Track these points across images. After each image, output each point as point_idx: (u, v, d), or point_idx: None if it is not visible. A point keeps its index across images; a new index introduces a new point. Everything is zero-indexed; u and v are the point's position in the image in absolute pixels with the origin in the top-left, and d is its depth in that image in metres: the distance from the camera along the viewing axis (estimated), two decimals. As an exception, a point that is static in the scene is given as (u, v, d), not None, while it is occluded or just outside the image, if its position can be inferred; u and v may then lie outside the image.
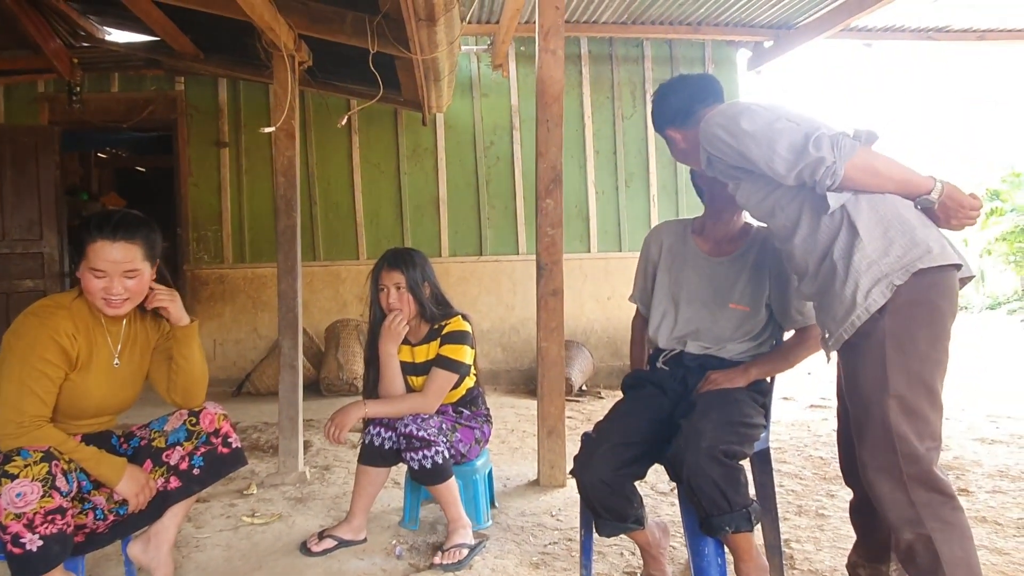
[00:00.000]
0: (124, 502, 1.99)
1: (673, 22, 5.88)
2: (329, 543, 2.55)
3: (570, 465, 2.16)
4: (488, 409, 2.87)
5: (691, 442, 1.85)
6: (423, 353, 2.70)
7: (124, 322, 2.07)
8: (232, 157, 5.98)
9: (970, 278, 1.74)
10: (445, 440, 2.55)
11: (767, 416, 2.20)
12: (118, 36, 5.17)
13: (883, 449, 1.64)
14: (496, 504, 3.03)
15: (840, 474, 2.10)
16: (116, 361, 2.04)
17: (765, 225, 2.03)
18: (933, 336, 1.66)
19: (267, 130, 3.41)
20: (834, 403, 5.09)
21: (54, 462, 1.78)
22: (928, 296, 1.65)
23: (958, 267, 1.69)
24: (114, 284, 1.91)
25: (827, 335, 1.80)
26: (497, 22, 5.53)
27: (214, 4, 3.27)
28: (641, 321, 2.44)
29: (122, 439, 2.14)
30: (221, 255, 5.99)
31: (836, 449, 2.12)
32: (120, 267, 1.91)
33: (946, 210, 1.71)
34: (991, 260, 11.24)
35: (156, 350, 2.15)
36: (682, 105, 2.05)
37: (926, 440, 1.63)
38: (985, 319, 10.27)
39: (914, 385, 1.64)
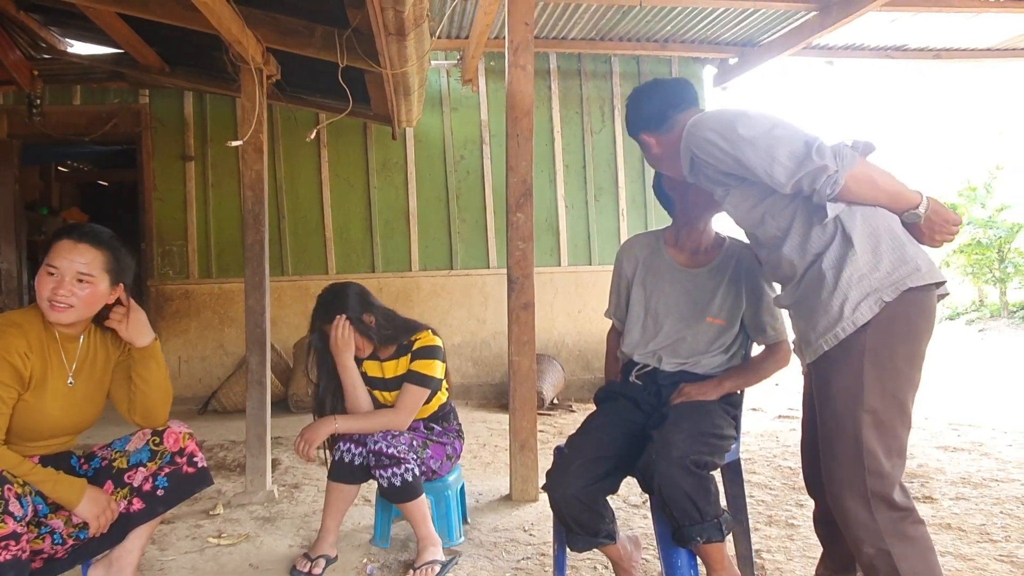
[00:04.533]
0: (84, 525, 1.93)
1: (641, 39, 5.96)
2: (322, 563, 2.51)
3: (542, 479, 2.15)
4: (459, 424, 2.85)
5: (662, 452, 1.85)
6: (392, 368, 2.68)
7: (81, 339, 2.01)
8: (198, 171, 5.90)
9: (946, 295, 1.75)
10: (416, 457, 2.53)
11: (737, 427, 2.21)
12: (81, 48, 5.07)
13: (851, 463, 1.65)
14: (468, 520, 3.00)
15: (809, 484, 2.14)
16: (71, 380, 1.98)
17: (747, 234, 2.00)
18: (910, 354, 1.67)
19: (234, 144, 3.37)
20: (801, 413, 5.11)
21: (7, 486, 1.72)
22: (910, 314, 1.65)
23: (939, 285, 1.69)
24: (64, 285, 1.86)
25: (804, 345, 1.78)
26: (467, 37, 5.55)
27: (180, 17, 3.22)
28: (616, 335, 2.44)
29: (82, 460, 2.08)
30: (187, 270, 5.90)
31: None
32: (75, 267, 1.87)
33: (931, 225, 1.70)
34: (950, 272, 11.53)
35: (117, 368, 2.09)
36: (656, 110, 2.01)
37: (893, 456, 1.64)
38: (945, 329, 10.52)
39: (888, 401, 1.64)
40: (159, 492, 2.00)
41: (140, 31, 4.02)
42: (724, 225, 2.23)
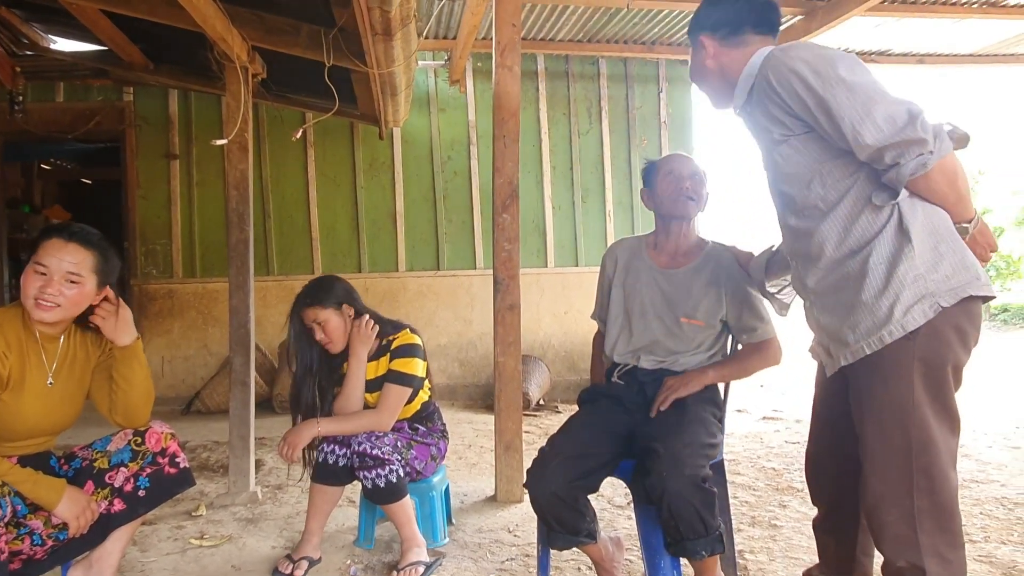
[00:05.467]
0: (64, 526, 1.90)
1: (628, 41, 5.98)
2: (304, 565, 2.49)
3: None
4: (444, 425, 2.84)
5: (673, 470, 1.83)
6: (373, 369, 2.67)
7: (61, 339, 1.99)
8: (183, 169, 5.86)
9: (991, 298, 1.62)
10: (400, 458, 2.52)
11: (721, 429, 2.23)
12: (64, 45, 5.02)
13: (899, 479, 1.52)
14: (453, 521, 3.00)
15: (792, 485, 2.13)
16: (50, 380, 1.96)
17: (777, 192, 1.74)
18: (959, 364, 1.56)
19: (219, 142, 3.35)
20: (786, 415, 5.15)
21: (-15, 487, 1.70)
22: (962, 323, 1.53)
23: (990, 298, 1.59)
24: (52, 284, 1.85)
25: (838, 345, 1.62)
26: (454, 38, 5.55)
27: (165, 14, 3.20)
28: (601, 338, 2.45)
29: (62, 460, 2.06)
30: (170, 269, 5.85)
31: (788, 460, 2.14)
32: (64, 267, 1.85)
33: (974, 244, 1.58)
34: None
35: (98, 368, 2.07)
36: (734, 16, 1.75)
37: (950, 468, 1.53)
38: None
39: (940, 415, 1.52)
40: (140, 493, 1.98)
41: (124, 28, 3.98)
42: (706, 228, 2.24)
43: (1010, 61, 6.33)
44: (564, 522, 1.99)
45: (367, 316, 2.60)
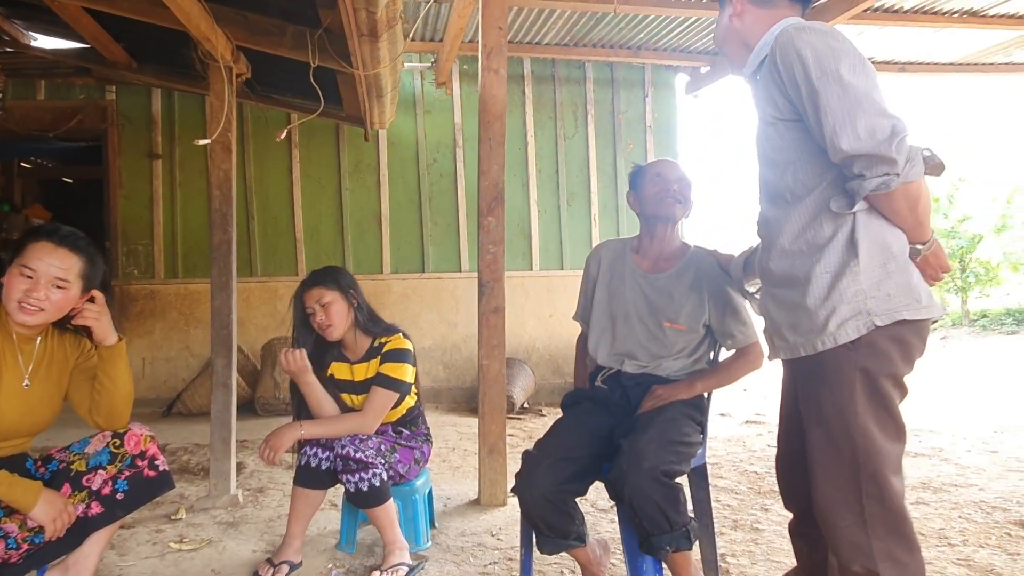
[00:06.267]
0: (40, 530, 1.88)
1: (614, 46, 6.01)
2: (285, 569, 2.47)
3: (511, 483, 2.14)
4: (428, 428, 2.83)
5: (632, 463, 1.86)
6: (363, 371, 2.65)
7: (38, 340, 1.97)
8: (165, 169, 5.82)
9: (937, 320, 1.62)
10: (383, 462, 2.50)
11: (704, 432, 2.24)
12: (45, 42, 4.96)
13: (847, 484, 1.54)
14: (436, 524, 2.99)
15: (774, 488, 2.14)
16: (26, 382, 1.93)
17: (759, 173, 1.73)
18: (900, 375, 1.57)
19: (202, 142, 3.32)
20: (768, 418, 5.18)
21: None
22: (905, 336, 1.54)
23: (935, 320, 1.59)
24: (39, 288, 1.83)
25: (779, 338, 1.66)
26: (441, 40, 5.55)
27: (148, 13, 3.17)
28: (584, 341, 2.46)
29: (39, 463, 2.03)
30: (152, 270, 5.80)
31: (770, 463, 2.15)
32: (53, 272, 1.84)
33: (927, 265, 1.58)
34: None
35: (76, 369, 2.04)
36: None
37: (895, 475, 1.54)
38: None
39: (884, 421, 1.53)
40: (119, 496, 1.96)
41: (107, 26, 3.95)
42: (689, 234, 2.25)
43: (989, 70, 6.43)
44: (553, 526, 1.99)
45: (294, 349, 2.52)
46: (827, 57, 1.46)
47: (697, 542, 2.21)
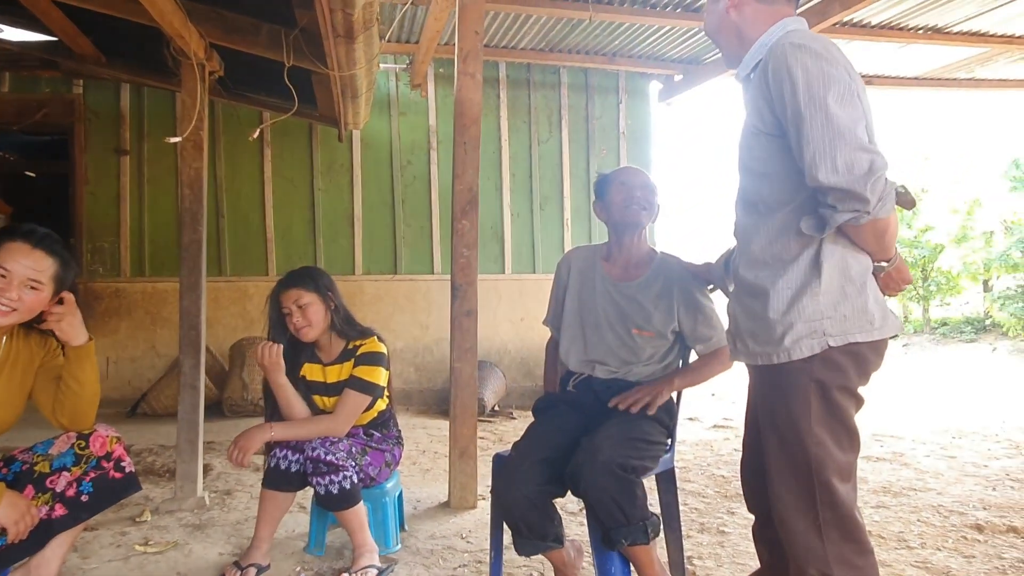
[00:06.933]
0: (2, 532, 1.84)
1: (589, 52, 6.06)
2: (252, 572, 2.45)
3: (482, 487, 2.16)
4: (399, 431, 2.83)
5: (588, 457, 1.90)
6: (335, 373, 2.64)
7: (4, 340, 1.93)
8: (133, 166, 5.72)
9: (896, 336, 1.67)
10: (354, 464, 2.50)
11: (672, 436, 2.27)
12: (11, 34, 4.85)
13: (802, 491, 1.58)
14: (406, 527, 2.98)
15: (740, 492, 2.17)
16: None
17: (738, 176, 1.73)
18: (854, 388, 1.60)
19: (173, 140, 3.28)
20: (736, 423, 5.25)
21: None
22: (861, 351, 1.58)
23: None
24: (12, 288, 1.80)
25: (739, 341, 1.70)
26: (417, 42, 5.54)
27: (119, 7, 3.13)
28: (555, 344, 2.49)
29: (1, 464, 1.99)
30: (118, 268, 5.70)
31: (736, 467, 2.19)
32: (27, 273, 1.82)
33: (889, 279, 1.63)
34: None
35: (41, 368, 2.01)
36: None
37: (846, 483, 1.58)
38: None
39: (838, 431, 1.57)
40: (83, 498, 1.93)
41: (76, 19, 3.88)
42: (664, 241, 2.28)
43: (952, 85, 6.61)
44: (533, 527, 2.01)
45: (272, 343, 2.50)
46: (817, 83, 1.45)
47: (664, 544, 2.26)
